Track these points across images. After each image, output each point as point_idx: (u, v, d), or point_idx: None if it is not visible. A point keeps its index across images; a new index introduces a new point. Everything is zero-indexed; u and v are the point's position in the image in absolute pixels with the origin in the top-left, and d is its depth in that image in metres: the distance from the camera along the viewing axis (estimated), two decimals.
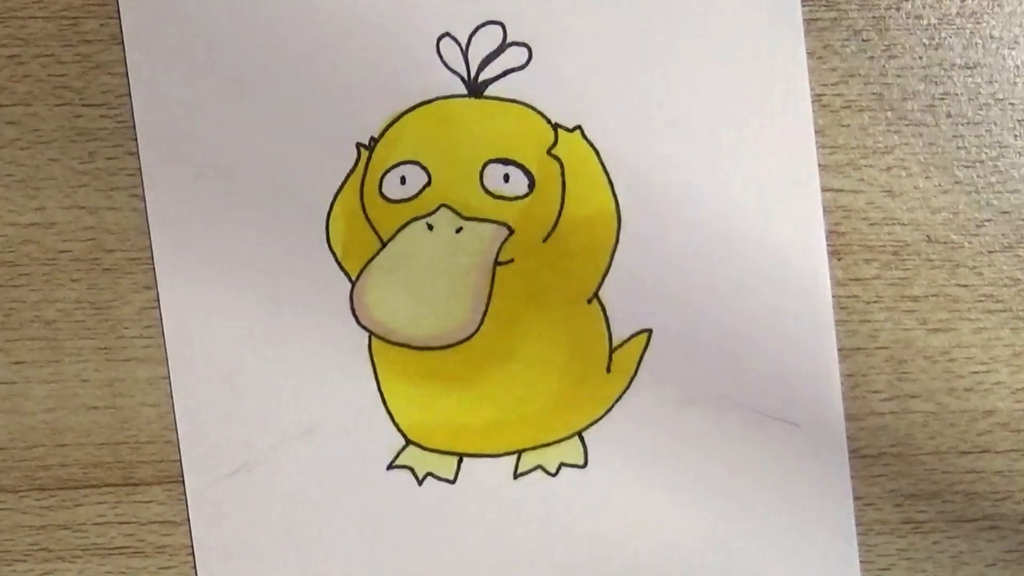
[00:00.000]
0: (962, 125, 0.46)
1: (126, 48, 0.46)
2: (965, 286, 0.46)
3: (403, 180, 0.45)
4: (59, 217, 0.46)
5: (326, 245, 0.46)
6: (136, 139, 0.46)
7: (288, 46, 0.45)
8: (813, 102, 0.46)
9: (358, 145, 0.45)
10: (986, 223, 0.46)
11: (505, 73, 0.45)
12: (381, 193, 0.45)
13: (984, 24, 0.46)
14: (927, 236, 0.46)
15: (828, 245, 0.46)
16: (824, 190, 0.46)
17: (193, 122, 0.46)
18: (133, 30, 0.46)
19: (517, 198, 0.45)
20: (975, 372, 0.46)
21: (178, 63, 0.46)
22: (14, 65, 0.46)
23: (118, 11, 0.46)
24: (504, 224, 0.45)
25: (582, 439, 0.46)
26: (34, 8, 0.46)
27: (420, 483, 0.46)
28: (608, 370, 0.46)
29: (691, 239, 0.45)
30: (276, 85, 0.45)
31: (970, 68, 0.46)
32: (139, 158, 0.46)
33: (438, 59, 0.45)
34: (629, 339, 0.46)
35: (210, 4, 0.45)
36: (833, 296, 0.46)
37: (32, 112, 0.46)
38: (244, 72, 0.45)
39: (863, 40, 0.46)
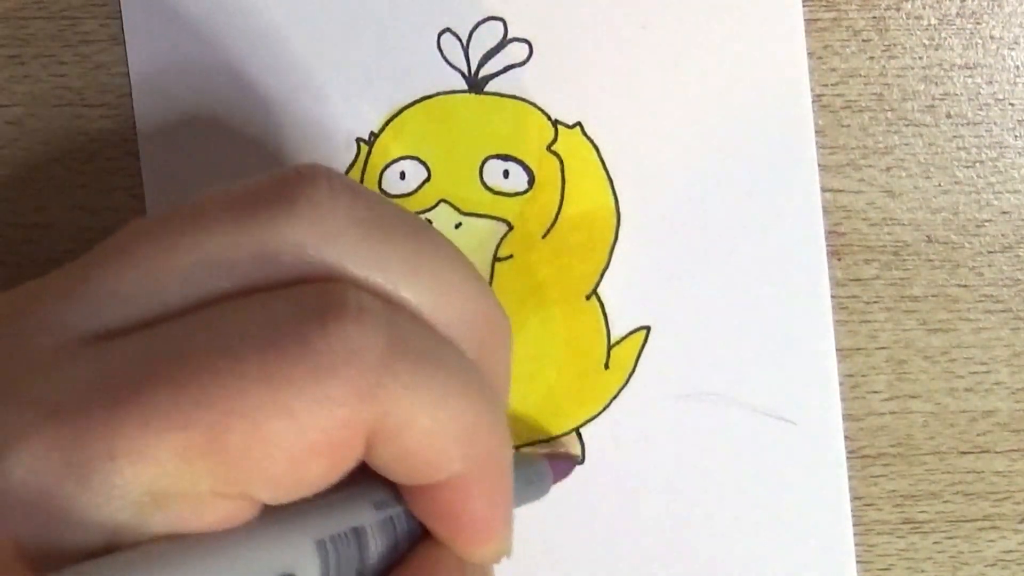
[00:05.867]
0: (962, 125, 0.46)
1: (127, 48, 0.46)
2: (965, 286, 0.46)
3: (403, 175, 0.45)
4: (59, 217, 0.46)
5: None
6: (136, 139, 0.46)
7: (288, 41, 0.45)
8: (813, 102, 0.45)
9: (358, 140, 0.45)
10: (986, 223, 0.46)
11: (506, 69, 0.45)
12: (380, 188, 0.45)
13: (984, 24, 0.46)
14: (927, 236, 0.46)
15: (828, 245, 0.46)
16: (824, 190, 0.46)
17: (193, 119, 0.46)
18: (134, 29, 0.46)
19: (516, 194, 0.45)
20: (975, 372, 0.46)
21: (178, 59, 0.46)
22: (14, 65, 0.46)
23: (118, 11, 0.46)
24: (503, 220, 0.45)
25: (580, 435, 0.46)
26: (34, 8, 0.46)
27: None
28: (606, 367, 0.46)
29: (690, 237, 0.45)
30: (276, 80, 0.46)
31: (970, 68, 0.46)
32: (139, 158, 0.46)
33: (439, 54, 0.45)
34: (627, 336, 0.46)
35: (210, 1, 0.46)
36: (833, 296, 0.46)
37: (32, 112, 0.46)
38: (243, 67, 0.46)
39: (863, 40, 0.46)
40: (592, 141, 0.45)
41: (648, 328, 0.46)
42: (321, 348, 0.26)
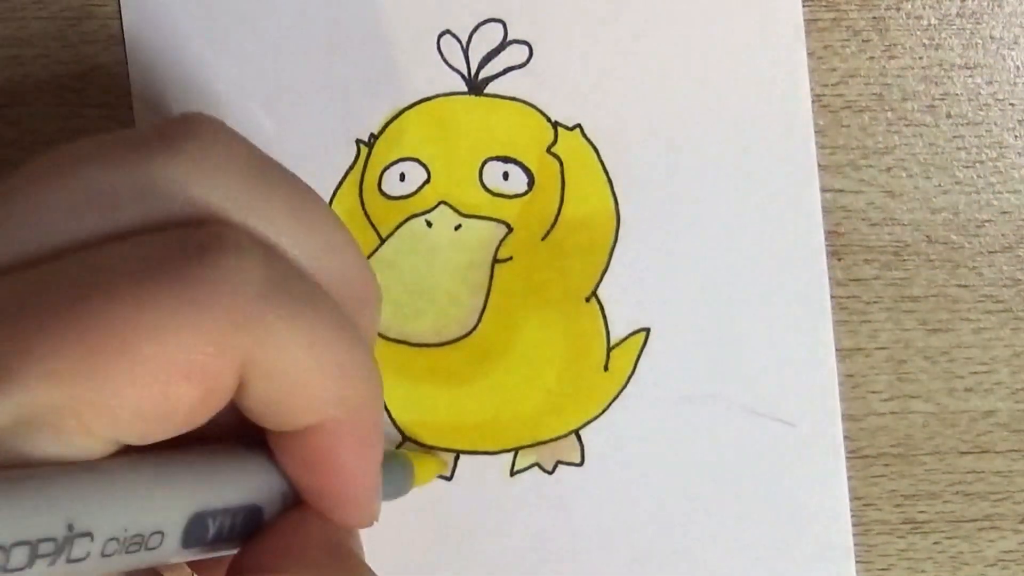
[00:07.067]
0: (962, 125, 0.46)
1: (127, 47, 0.46)
2: (965, 286, 0.46)
3: (402, 177, 0.45)
4: None
5: None
6: None
7: (288, 42, 0.45)
8: (813, 102, 0.45)
9: (358, 142, 0.45)
10: (986, 223, 0.46)
11: (505, 71, 0.45)
12: (380, 190, 0.45)
13: (984, 24, 0.46)
14: (927, 236, 0.46)
15: (828, 245, 0.46)
16: (824, 190, 0.46)
17: None
18: (133, 30, 0.46)
19: (516, 196, 0.45)
20: (975, 372, 0.46)
21: (178, 59, 0.46)
22: (14, 65, 0.46)
23: (118, 11, 0.46)
24: (503, 222, 0.45)
25: (579, 437, 0.46)
26: (34, 8, 0.46)
27: None
28: (606, 368, 0.46)
29: (690, 238, 0.45)
30: (276, 81, 0.46)
31: (970, 68, 0.46)
32: None
33: (439, 56, 0.45)
34: (627, 338, 0.46)
35: (210, 2, 0.46)
36: (833, 296, 0.46)
37: (32, 112, 0.46)
38: (243, 68, 0.46)
39: (863, 40, 0.46)
40: (592, 143, 0.45)
41: (648, 330, 0.46)
42: (198, 276, 0.26)
